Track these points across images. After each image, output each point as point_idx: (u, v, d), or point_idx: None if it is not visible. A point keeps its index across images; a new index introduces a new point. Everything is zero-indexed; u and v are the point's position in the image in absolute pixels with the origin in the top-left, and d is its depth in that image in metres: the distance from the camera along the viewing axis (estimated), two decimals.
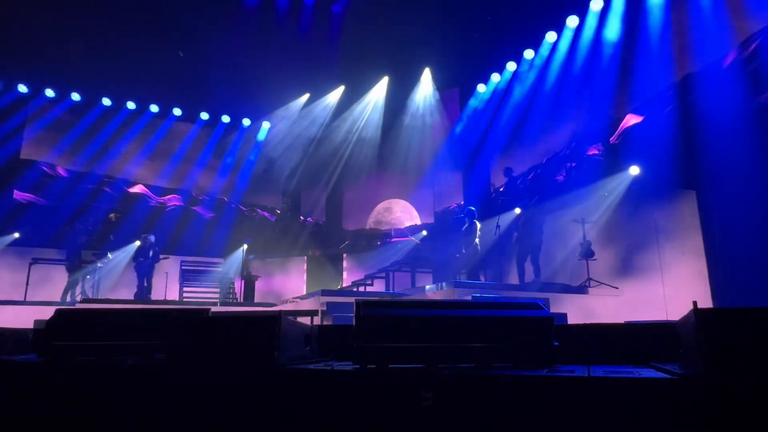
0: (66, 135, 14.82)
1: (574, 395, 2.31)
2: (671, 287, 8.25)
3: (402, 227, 16.63)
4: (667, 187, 9.12)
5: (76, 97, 15.10)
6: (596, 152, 11.49)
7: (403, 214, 17.05)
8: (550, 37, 12.71)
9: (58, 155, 14.85)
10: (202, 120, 16.86)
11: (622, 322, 5.27)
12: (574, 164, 11.85)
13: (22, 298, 10.75)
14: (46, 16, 11.83)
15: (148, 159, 15.92)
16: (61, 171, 14.94)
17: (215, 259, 15.30)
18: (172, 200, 16.28)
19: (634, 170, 9.51)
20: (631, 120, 10.30)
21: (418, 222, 16.75)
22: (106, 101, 15.52)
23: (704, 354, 2.13)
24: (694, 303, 2.28)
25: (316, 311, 7.83)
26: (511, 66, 13.90)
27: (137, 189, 15.92)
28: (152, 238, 12.61)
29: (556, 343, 2.74)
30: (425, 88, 15.95)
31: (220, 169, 17.13)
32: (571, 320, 6.26)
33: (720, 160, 8.20)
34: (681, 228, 8.79)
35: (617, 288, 8.62)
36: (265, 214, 17.66)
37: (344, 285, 13.95)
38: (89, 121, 15.17)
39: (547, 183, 11.86)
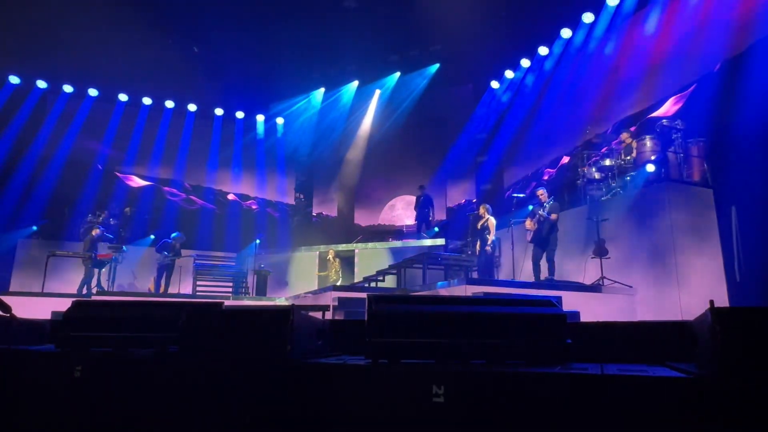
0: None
1: (587, 393, 2.29)
2: (686, 286, 8.13)
3: (402, 224, 16.69)
4: (684, 186, 8.99)
5: (93, 92, 15.31)
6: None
7: (404, 211, 17.10)
8: (565, 33, 12.60)
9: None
10: (219, 117, 17.02)
11: (637, 320, 5.21)
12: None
13: (40, 290, 10.94)
14: (67, 15, 11.98)
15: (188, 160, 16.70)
16: (187, 185, 16.94)
17: (228, 254, 15.39)
18: (252, 203, 17.49)
19: (650, 168, 9.38)
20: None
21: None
22: (123, 97, 15.72)
23: (720, 353, 2.10)
24: (711, 302, 2.25)
25: (328, 306, 7.82)
26: (525, 62, 13.81)
27: (231, 197, 17.28)
28: (181, 236, 12.78)
29: (569, 341, 2.72)
30: (437, 84, 15.88)
31: (258, 168, 17.70)
32: (584, 319, 6.19)
33: (738, 159, 8.07)
34: (697, 227, 8.65)
35: (631, 287, 8.51)
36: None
37: (356, 280, 13.95)
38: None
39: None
